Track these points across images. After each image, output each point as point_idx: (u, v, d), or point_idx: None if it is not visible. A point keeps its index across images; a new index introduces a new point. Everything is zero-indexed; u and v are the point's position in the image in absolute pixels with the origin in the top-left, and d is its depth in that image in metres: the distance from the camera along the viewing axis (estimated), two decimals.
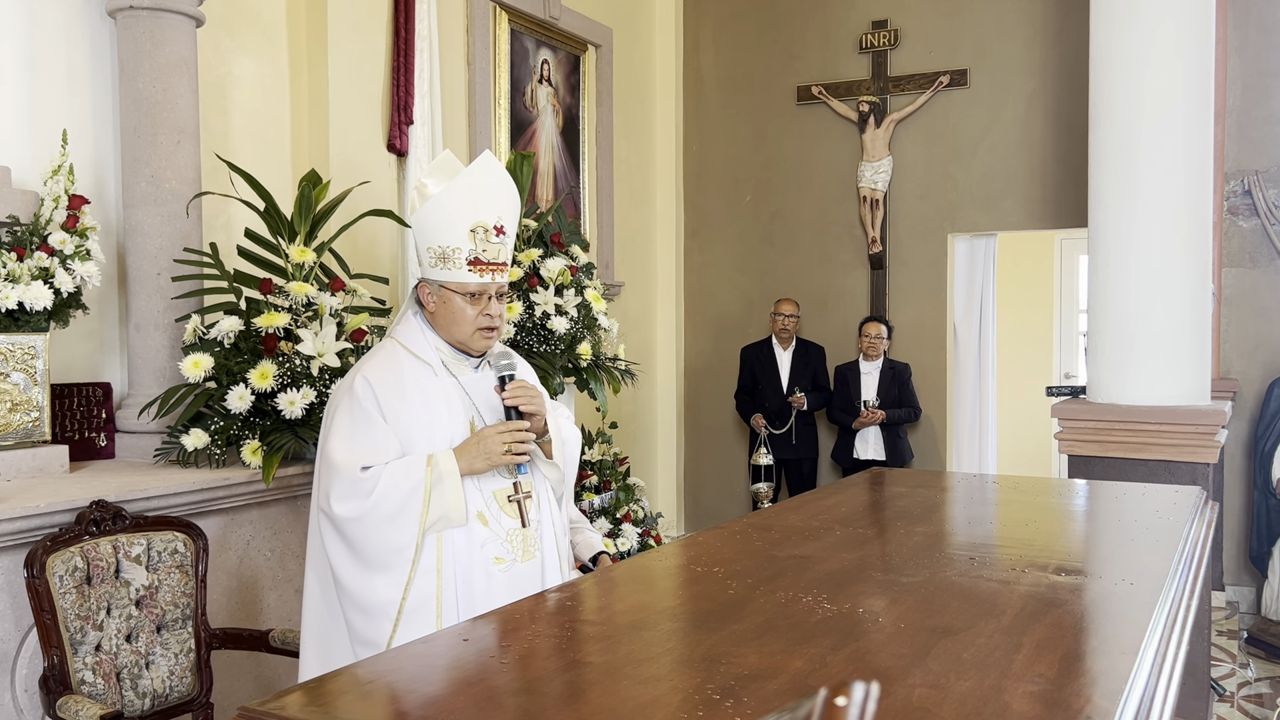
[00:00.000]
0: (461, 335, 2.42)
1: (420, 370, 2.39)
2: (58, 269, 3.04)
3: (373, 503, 2.23)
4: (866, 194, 6.66)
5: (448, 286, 2.39)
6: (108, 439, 3.49)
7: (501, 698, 1.30)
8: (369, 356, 2.43)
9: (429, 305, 2.44)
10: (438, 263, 2.39)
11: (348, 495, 2.24)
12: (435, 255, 2.39)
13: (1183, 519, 2.45)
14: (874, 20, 6.68)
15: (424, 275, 2.44)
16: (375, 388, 2.32)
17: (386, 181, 4.64)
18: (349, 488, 2.24)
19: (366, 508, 2.23)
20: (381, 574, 2.26)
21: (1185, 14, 4.16)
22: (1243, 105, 5.81)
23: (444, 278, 2.39)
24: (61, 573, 2.57)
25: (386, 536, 2.25)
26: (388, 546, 2.25)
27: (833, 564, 1.97)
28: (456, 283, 2.39)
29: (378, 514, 2.23)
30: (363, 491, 2.23)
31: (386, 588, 2.26)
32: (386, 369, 2.37)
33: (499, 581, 2.34)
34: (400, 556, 2.26)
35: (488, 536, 2.35)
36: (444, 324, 2.43)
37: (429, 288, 2.42)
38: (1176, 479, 3.98)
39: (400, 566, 2.26)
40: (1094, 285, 4.42)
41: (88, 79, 3.57)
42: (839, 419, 6.32)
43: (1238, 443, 5.77)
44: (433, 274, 2.41)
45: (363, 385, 2.32)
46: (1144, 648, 1.47)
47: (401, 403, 2.33)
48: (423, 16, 4.75)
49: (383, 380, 2.33)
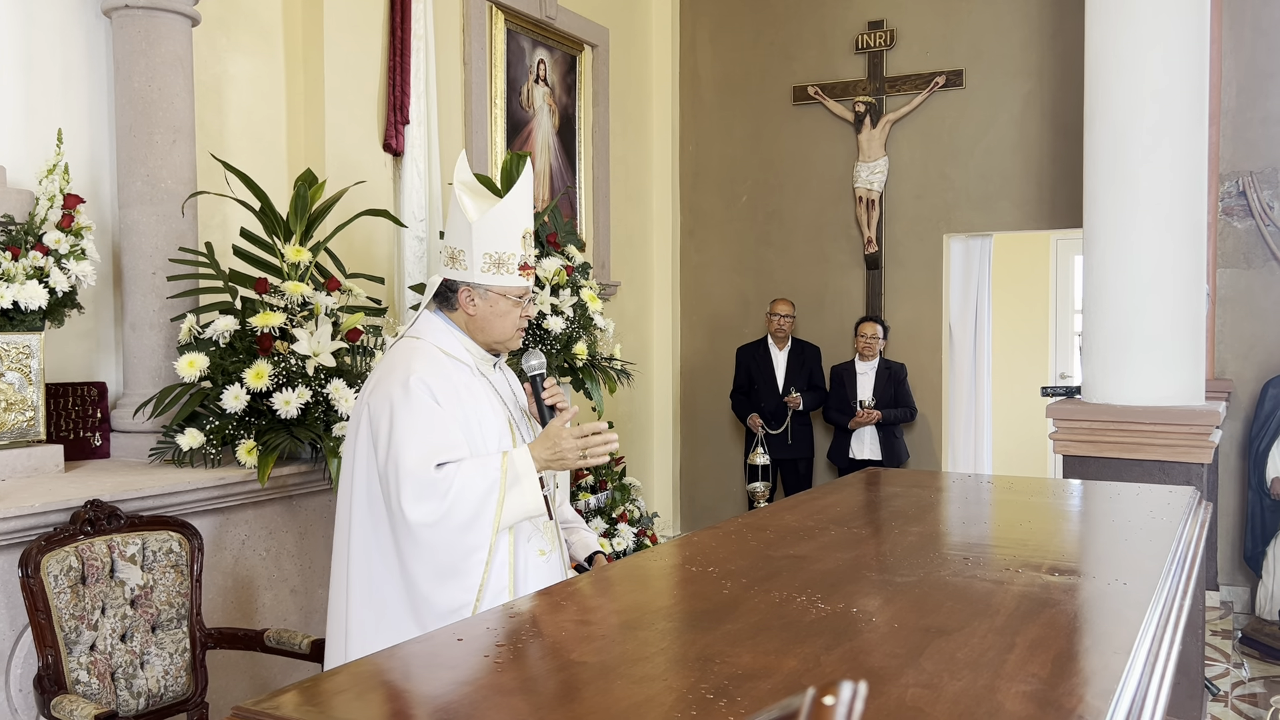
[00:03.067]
0: (503, 336, 2.47)
1: (459, 369, 2.41)
2: (53, 268, 3.04)
3: (449, 504, 2.23)
4: (862, 194, 6.66)
5: (496, 290, 2.42)
6: (103, 438, 3.49)
7: (497, 697, 1.31)
8: (406, 357, 2.38)
9: (470, 309, 2.44)
10: (491, 268, 2.41)
11: (424, 497, 2.22)
12: (491, 261, 2.41)
13: (1176, 519, 2.46)
14: (870, 21, 6.69)
15: (471, 280, 2.41)
16: (429, 384, 2.32)
17: (382, 181, 4.63)
18: (424, 489, 2.22)
19: (443, 510, 2.22)
20: (457, 578, 2.27)
21: (1180, 15, 4.17)
22: (1238, 106, 5.82)
23: (497, 282, 2.42)
24: (56, 572, 2.57)
25: (462, 536, 2.25)
26: (462, 548, 2.26)
27: (828, 564, 1.98)
28: (509, 287, 2.43)
29: (454, 518, 2.23)
30: (439, 493, 2.23)
31: (463, 590, 2.27)
32: (433, 366, 2.36)
33: (541, 573, 2.41)
34: (475, 557, 2.27)
35: (532, 530, 2.43)
36: (482, 326, 2.45)
37: (473, 292, 2.42)
38: (1171, 479, 3.99)
39: (474, 568, 2.27)
40: (1089, 286, 4.43)
41: (83, 78, 3.57)
42: (835, 419, 6.33)
43: (1232, 443, 5.78)
44: (483, 279, 2.41)
45: (417, 383, 2.31)
46: (1136, 647, 1.48)
47: (454, 399, 2.34)
48: (419, 16, 4.75)
49: (433, 376, 2.33)
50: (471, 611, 2.25)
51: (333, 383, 3.33)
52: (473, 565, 2.27)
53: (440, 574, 2.27)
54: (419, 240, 4.72)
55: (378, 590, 2.32)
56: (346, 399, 3.34)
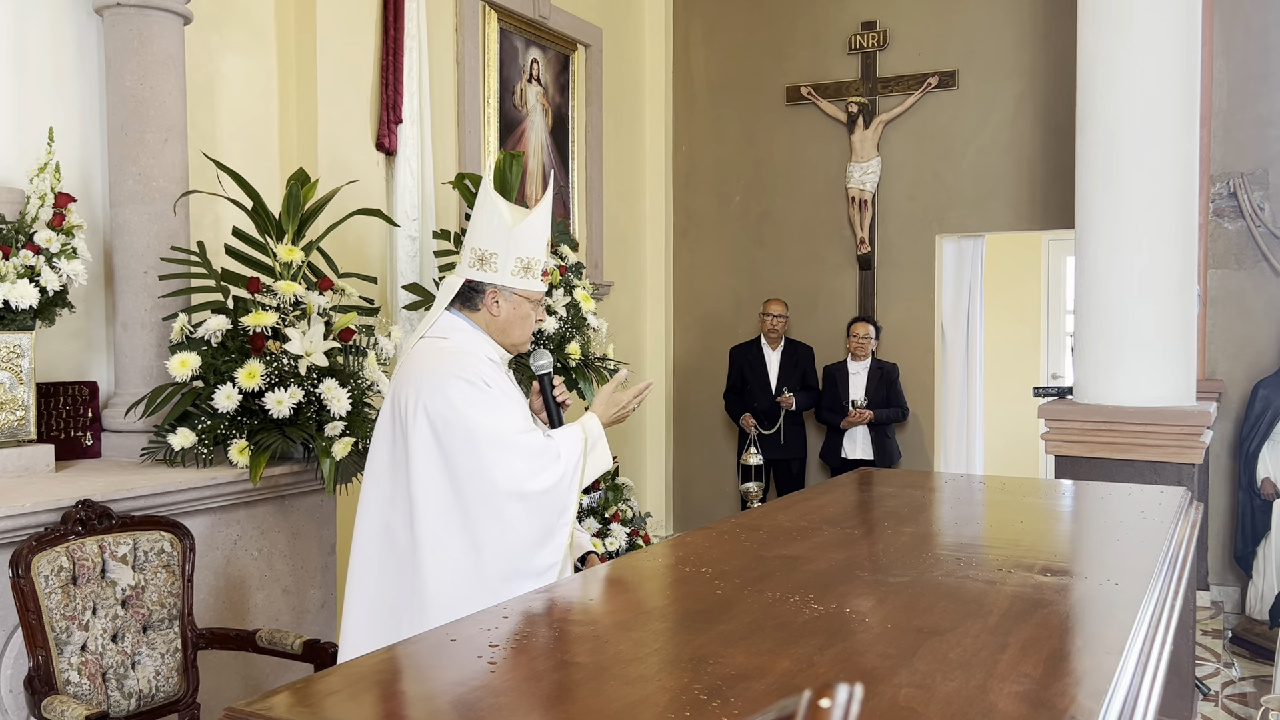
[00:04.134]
0: (521, 338, 2.59)
1: (491, 367, 2.49)
2: (44, 267, 3.03)
3: (562, 467, 2.38)
4: (855, 195, 6.67)
5: (521, 293, 2.54)
6: (94, 438, 3.48)
7: (490, 698, 1.30)
8: (447, 358, 2.43)
9: (494, 310, 2.52)
10: (521, 272, 2.53)
11: (542, 467, 2.36)
12: (521, 266, 2.53)
13: (1168, 519, 2.47)
14: (863, 21, 6.70)
15: (501, 283, 2.50)
16: (484, 375, 2.41)
17: (375, 180, 4.63)
18: (539, 459, 2.36)
19: (559, 473, 2.38)
20: (553, 537, 2.40)
21: (1172, 17, 4.19)
22: (1229, 108, 5.84)
23: (524, 286, 2.54)
24: (47, 573, 2.56)
25: (568, 498, 2.41)
26: (558, 508, 2.40)
27: (821, 564, 1.98)
28: (533, 291, 2.56)
29: (566, 477, 2.39)
30: (551, 457, 2.38)
31: (553, 551, 2.39)
32: (475, 363, 2.44)
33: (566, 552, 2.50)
34: (565, 516, 2.41)
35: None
36: (504, 328, 2.54)
37: (499, 294, 2.51)
38: (1162, 479, 4.01)
39: (564, 528, 2.41)
40: (1081, 286, 4.44)
41: (74, 76, 3.56)
42: (827, 419, 6.34)
43: (1223, 443, 5.81)
44: (513, 282, 2.52)
45: (474, 377, 2.39)
46: (1128, 647, 1.48)
47: (501, 390, 2.44)
48: (412, 15, 4.74)
49: (479, 371, 2.42)
50: (557, 573, 2.37)
51: (325, 382, 3.33)
52: (562, 525, 2.40)
53: (542, 537, 2.39)
54: (412, 240, 4.72)
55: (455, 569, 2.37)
56: (339, 399, 3.33)
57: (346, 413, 3.35)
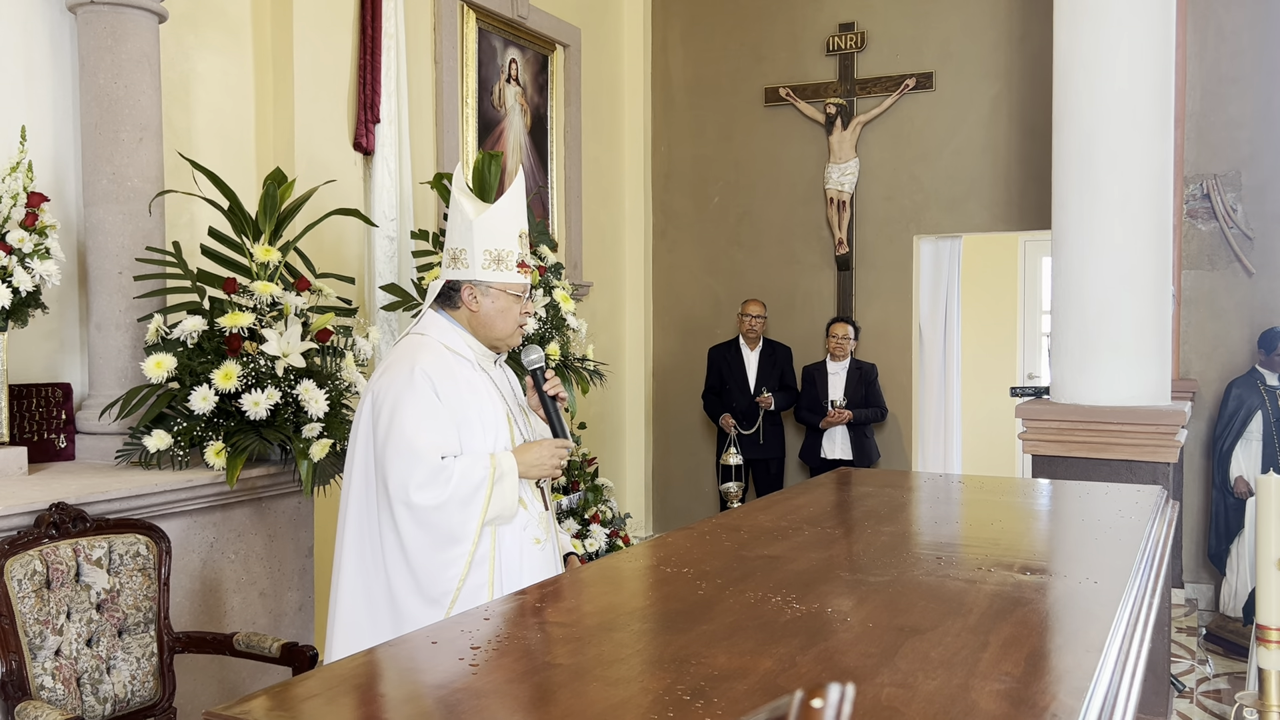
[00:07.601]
0: (504, 332, 2.56)
1: (461, 365, 2.49)
2: (16, 268, 2.99)
3: (450, 491, 2.35)
4: (833, 195, 6.70)
5: (497, 287, 2.52)
6: (68, 440, 3.44)
7: (470, 700, 1.30)
8: (412, 351, 2.46)
9: (473, 306, 2.52)
10: (491, 264, 2.51)
11: (430, 483, 2.34)
12: (490, 258, 2.51)
13: (1144, 518, 2.49)
14: (841, 23, 6.73)
15: (473, 278, 2.51)
16: (433, 378, 2.41)
17: (352, 180, 4.60)
18: (432, 476, 2.35)
19: (446, 495, 2.35)
20: (448, 559, 2.37)
21: (1146, 20, 4.22)
22: (1202, 110, 5.90)
23: (497, 278, 2.52)
24: (20, 576, 2.53)
25: (456, 523, 2.37)
26: (455, 533, 2.37)
27: (801, 564, 1.98)
28: (509, 284, 2.53)
29: (454, 502, 2.36)
30: (443, 480, 2.35)
31: (452, 580, 2.37)
32: (438, 361, 2.45)
33: (535, 560, 2.49)
34: (461, 546, 2.38)
35: (528, 519, 2.51)
36: (485, 323, 2.54)
37: (475, 289, 2.52)
38: (1138, 478, 4.04)
39: (460, 558, 2.38)
40: (1057, 287, 4.47)
41: (47, 75, 3.51)
42: (806, 419, 6.36)
43: (1197, 442, 5.86)
44: (484, 275, 2.51)
45: (422, 376, 2.40)
46: (1108, 645, 1.49)
47: (455, 393, 2.43)
48: (389, 14, 4.71)
49: (437, 371, 2.42)
50: (445, 609, 2.34)
51: (302, 384, 3.30)
52: (457, 557, 2.37)
53: (436, 550, 2.37)
54: (389, 240, 4.69)
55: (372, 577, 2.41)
56: (316, 400, 3.31)
57: (324, 414, 3.32)
